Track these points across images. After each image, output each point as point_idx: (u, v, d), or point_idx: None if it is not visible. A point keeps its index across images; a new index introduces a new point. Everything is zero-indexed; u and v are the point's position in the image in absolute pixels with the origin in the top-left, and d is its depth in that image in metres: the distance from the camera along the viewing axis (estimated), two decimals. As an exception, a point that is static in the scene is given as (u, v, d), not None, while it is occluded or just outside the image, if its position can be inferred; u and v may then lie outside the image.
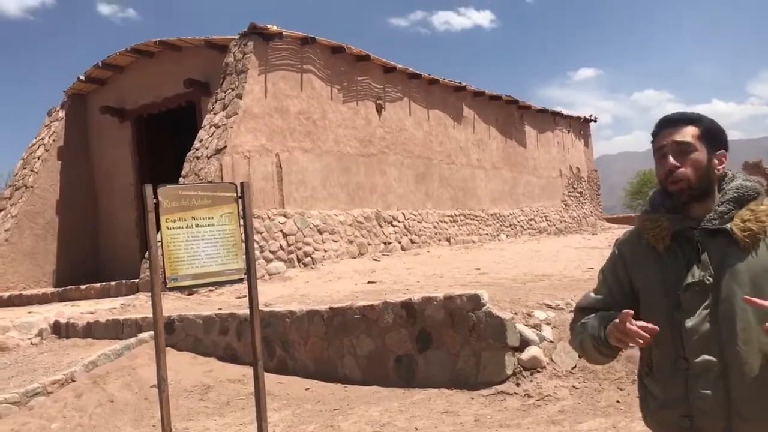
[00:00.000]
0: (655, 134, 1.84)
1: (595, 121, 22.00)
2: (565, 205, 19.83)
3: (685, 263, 1.73)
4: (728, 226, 1.71)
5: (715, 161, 1.78)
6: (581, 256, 9.69)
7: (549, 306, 5.51)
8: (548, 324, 5.21)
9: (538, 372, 4.83)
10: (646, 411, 1.85)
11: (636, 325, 1.62)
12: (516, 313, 5.18)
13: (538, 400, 4.59)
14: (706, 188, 1.77)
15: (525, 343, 4.95)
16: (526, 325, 5.09)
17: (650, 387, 1.81)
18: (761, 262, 1.68)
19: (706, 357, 1.67)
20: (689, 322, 1.70)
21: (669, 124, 1.80)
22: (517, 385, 4.79)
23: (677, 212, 1.79)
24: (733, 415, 1.66)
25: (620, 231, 12.94)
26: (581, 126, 21.52)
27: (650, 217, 1.83)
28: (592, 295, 1.94)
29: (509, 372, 4.87)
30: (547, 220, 18.60)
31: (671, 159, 1.76)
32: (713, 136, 1.79)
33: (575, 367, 4.86)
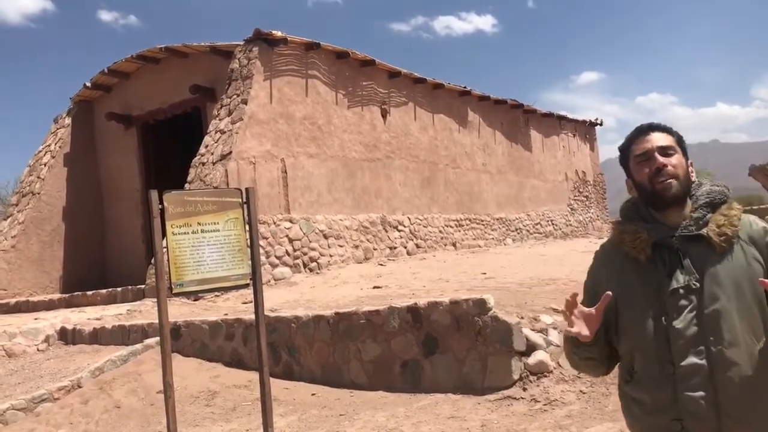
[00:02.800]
0: (627, 145, 1.90)
1: (601, 125, 21.96)
2: (571, 209, 19.78)
3: (668, 270, 1.77)
4: (705, 231, 1.77)
5: (690, 168, 1.86)
6: (587, 260, 9.64)
7: (556, 310, 5.48)
8: (555, 328, 5.19)
9: (545, 376, 4.81)
10: (630, 418, 1.85)
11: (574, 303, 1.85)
12: (522, 318, 5.16)
13: (545, 404, 4.56)
14: (686, 192, 1.83)
15: (531, 347, 4.93)
16: (532, 330, 5.06)
17: (634, 394, 1.81)
18: (738, 263, 1.75)
19: (693, 360, 1.70)
20: (676, 327, 1.72)
21: (647, 131, 1.87)
22: (524, 389, 4.76)
23: (653, 221, 1.83)
24: (722, 416, 1.68)
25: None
26: (586, 130, 21.48)
27: (628, 229, 1.86)
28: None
29: (516, 377, 4.85)
30: (553, 224, 18.55)
31: (660, 158, 1.81)
32: (684, 146, 1.88)
33: (582, 371, 4.83)
